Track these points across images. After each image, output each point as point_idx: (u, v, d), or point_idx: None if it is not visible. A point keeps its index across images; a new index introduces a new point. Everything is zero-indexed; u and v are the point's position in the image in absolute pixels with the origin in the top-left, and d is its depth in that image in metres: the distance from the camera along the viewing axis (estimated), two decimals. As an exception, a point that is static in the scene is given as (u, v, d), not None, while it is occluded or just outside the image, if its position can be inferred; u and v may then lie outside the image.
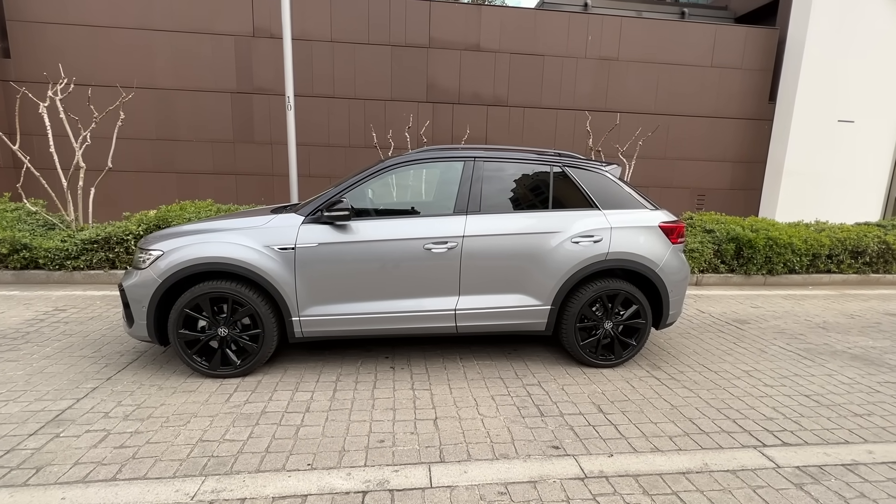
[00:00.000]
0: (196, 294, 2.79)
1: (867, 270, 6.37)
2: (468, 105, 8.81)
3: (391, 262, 2.94)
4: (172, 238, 2.93)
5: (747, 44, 9.83)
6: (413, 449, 2.20)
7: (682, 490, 1.96)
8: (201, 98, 8.04)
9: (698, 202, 10.36)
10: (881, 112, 10.32)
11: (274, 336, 2.90)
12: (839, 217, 9.26)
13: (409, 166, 3.18)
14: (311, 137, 8.30)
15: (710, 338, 3.97)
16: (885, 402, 2.86)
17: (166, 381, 2.85)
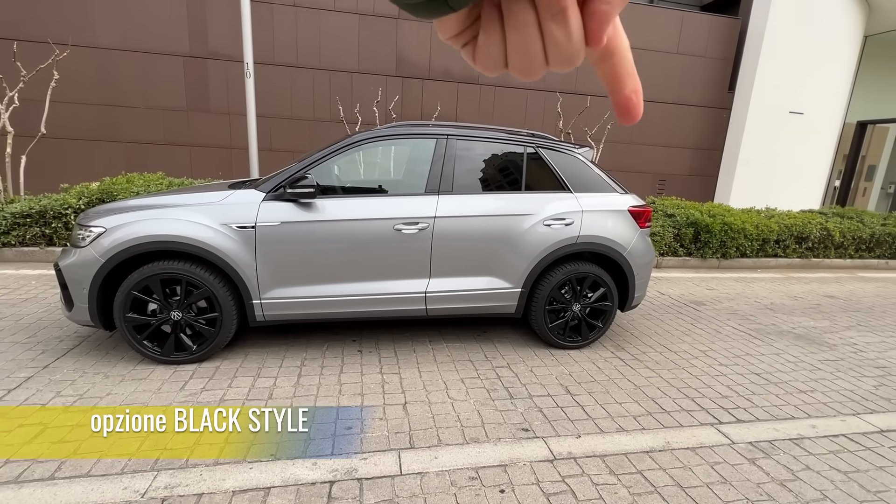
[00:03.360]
0: (145, 275, 2.57)
1: (809, 255, 6.80)
2: (439, 81, 8.57)
3: (359, 242, 2.82)
4: (117, 213, 2.67)
5: (711, 32, 10.05)
6: (382, 435, 2.15)
7: (646, 469, 2.02)
8: (149, 61, 7.38)
9: (659, 187, 10.69)
10: (827, 105, 10.91)
11: (233, 320, 2.74)
12: (786, 204, 9.82)
13: (378, 142, 3.04)
14: (272, 109, 7.84)
15: (670, 319, 4.12)
16: (826, 379, 3.07)
17: (113, 368, 2.65)
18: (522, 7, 0.26)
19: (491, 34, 0.28)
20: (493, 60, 0.28)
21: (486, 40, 0.28)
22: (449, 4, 0.25)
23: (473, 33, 0.28)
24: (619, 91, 0.30)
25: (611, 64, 0.30)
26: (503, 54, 0.28)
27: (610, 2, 0.26)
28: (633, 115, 0.31)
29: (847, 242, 6.87)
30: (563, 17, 0.26)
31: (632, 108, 0.31)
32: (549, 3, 0.26)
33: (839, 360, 3.39)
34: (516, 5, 0.26)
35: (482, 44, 0.28)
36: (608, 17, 0.26)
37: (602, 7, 0.26)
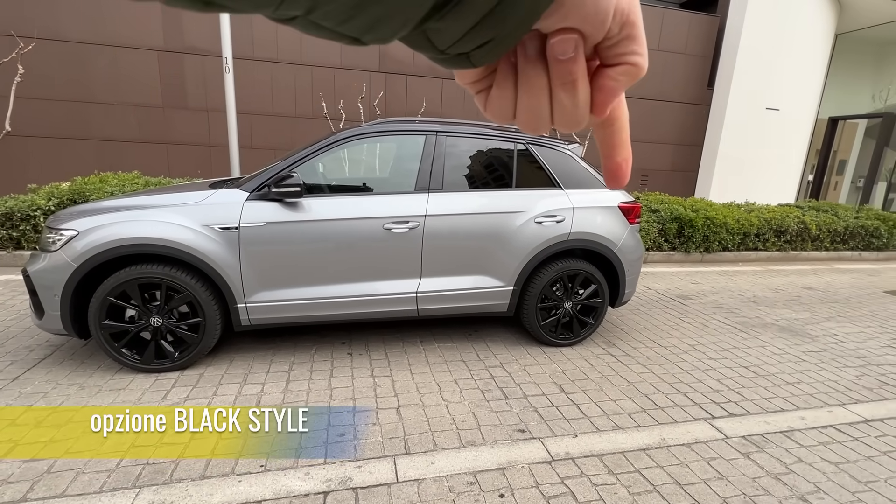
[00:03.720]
0: (122, 280, 2.45)
1: (787, 248, 6.97)
2: (423, 77, 8.48)
3: (348, 243, 2.74)
4: (90, 216, 2.53)
5: (690, 29, 10.20)
6: (376, 441, 2.09)
7: (643, 467, 2.01)
8: (122, 55, 7.09)
9: (642, 182, 10.83)
10: (801, 102, 11.21)
11: (217, 325, 2.63)
12: (764, 198, 10.06)
13: (366, 139, 2.96)
14: (252, 105, 7.64)
15: (658, 314, 4.16)
16: (811, 371, 3.13)
17: (89, 378, 2.52)
18: (537, 73, 0.28)
19: (504, 90, 0.29)
20: (503, 113, 0.30)
21: (498, 94, 0.30)
22: (471, 61, 0.27)
23: (489, 83, 0.30)
24: (611, 157, 0.33)
25: (609, 132, 0.32)
26: (513, 109, 0.30)
27: (617, 80, 0.28)
28: (620, 182, 0.33)
29: (823, 235, 7.06)
30: (573, 88, 0.28)
31: (620, 175, 0.33)
32: (562, 72, 0.27)
33: (822, 352, 3.47)
34: (531, 70, 0.28)
35: (494, 97, 0.30)
36: (614, 93, 0.29)
37: (609, 83, 0.28)
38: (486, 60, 0.27)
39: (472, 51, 0.26)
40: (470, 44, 0.26)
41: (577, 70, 0.27)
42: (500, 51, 0.27)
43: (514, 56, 0.29)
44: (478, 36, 0.25)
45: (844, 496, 1.90)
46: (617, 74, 0.28)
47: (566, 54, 0.26)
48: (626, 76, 0.28)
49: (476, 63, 0.27)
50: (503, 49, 0.27)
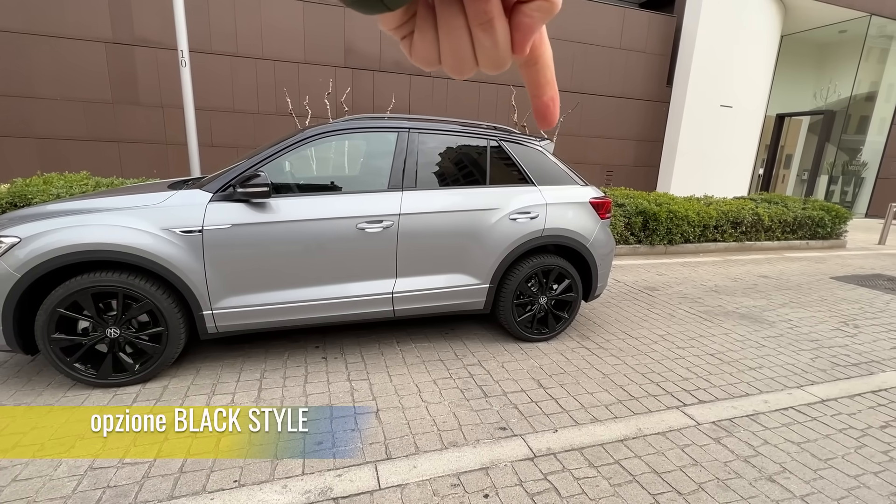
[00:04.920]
0: (72, 290, 2.26)
1: (743, 238, 7.33)
2: (390, 73, 8.37)
3: (320, 244, 2.65)
4: (34, 220, 2.33)
5: (650, 29, 10.54)
6: (356, 448, 2.03)
7: (622, 458, 2.05)
8: (64, 46, 6.60)
9: (607, 177, 11.13)
10: (752, 99, 11.82)
11: (181, 334, 2.49)
12: (720, 192, 10.54)
13: (336, 136, 2.87)
14: (211, 101, 7.31)
15: (628, 305, 4.27)
16: (770, 355, 3.29)
17: (38, 396, 2.32)
18: (453, 13, 0.28)
19: (425, 33, 0.29)
20: (427, 57, 0.30)
21: (420, 38, 0.30)
22: (384, 3, 0.26)
23: (411, 28, 0.30)
24: (538, 97, 0.33)
25: (534, 71, 0.32)
26: (437, 53, 0.30)
27: (532, 15, 0.28)
28: (549, 120, 0.33)
29: (774, 226, 7.47)
30: (490, 27, 0.28)
31: (548, 114, 0.33)
32: (477, 12, 0.27)
33: (779, 337, 3.66)
34: (448, 11, 0.28)
35: (417, 42, 0.30)
36: (531, 30, 0.28)
37: (525, 20, 0.28)
38: (400, 2, 0.26)
39: None
40: None
41: (491, 9, 0.27)
42: None
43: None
44: None
45: (808, 474, 2.01)
46: (531, 11, 0.28)
47: None
48: (541, 12, 0.28)
49: (390, 5, 0.26)
50: None
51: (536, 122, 0.33)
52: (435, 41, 0.29)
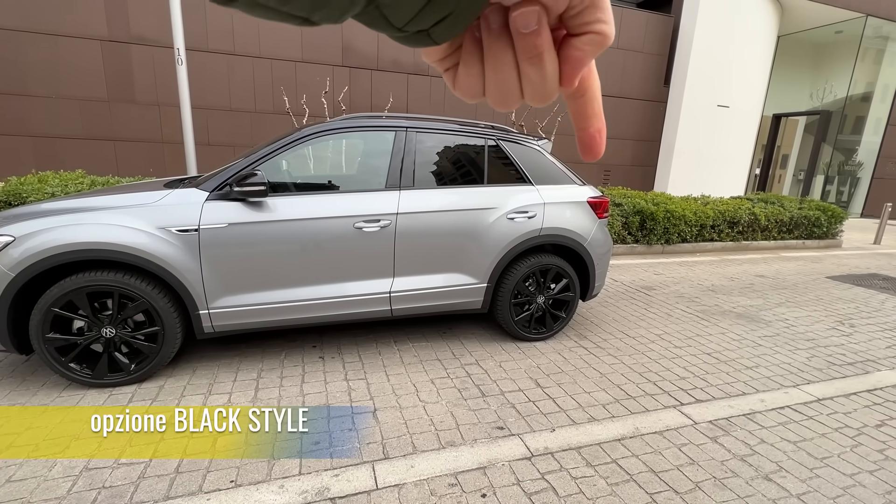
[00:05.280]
0: (67, 289, 2.25)
1: (740, 238, 7.36)
2: (388, 72, 8.35)
3: (317, 243, 2.64)
4: (28, 219, 2.31)
5: (648, 28, 10.56)
6: (353, 448, 2.03)
7: (620, 457, 2.05)
8: (60, 44, 6.56)
9: (605, 177, 11.15)
10: (749, 99, 11.86)
11: (177, 333, 2.47)
12: (717, 191, 10.56)
13: (333, 135, 2.86)
14: (208, 100, 7.28)
15: (625, 305, 4.28)
16: (767, 354, 3.30)
17: (33, 397, 2.31)
18: (502, 47, 0.27)
19: (471, 67, 0.29)
20: (472, 90, 0.30)
21: (465, 72, 0.29)
22: (432, 38, 0.26)
23: (455, 60, 0.29)
24: (584, 129, 0.32)
25: (581, 103, 0.31)
26: (482, 85, 0.29)
27: (583, 49, 0.27)
28: (595, 153, 0.32)
29: (771, 226, 7.50)
30: (540, 61, 0.27)
31: (594, 147, 0.32)
32: (527, 46, 0.26)
33: (776, 336, 3.67)
34: (496, 45, 0.27)
35: (462, 74, 0.29)
36: (581, 63, 0.28)
37: (576, 53, 0.27)
38: (448, 36, 0.26)
39: (431, 27, 0.25)
40: (428, 20, 0.25)
41: (541, 43, 0.26)
42: (460, 26, 0.26)
43: (478, 31, 0.28)
44: (435, 11, 0.24)
45: (804, 473, 2.02)
46: (583, 44, 0.27)
47: (529, 27, 0.26)
48: (593, 45, 0.27)
49: (437, 40, 0.26)
50: (463, 24, 0.26)
51: (581, 153, 0.33)
52: (480, 74, 0.29)
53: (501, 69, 0.28)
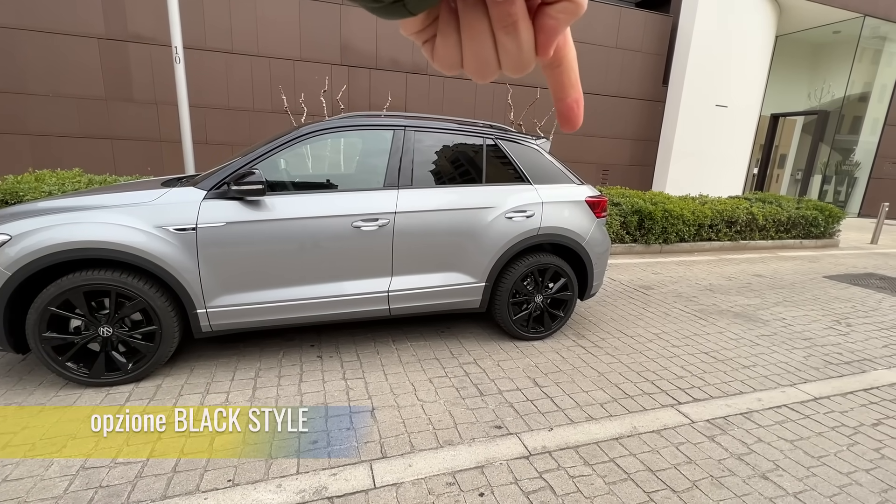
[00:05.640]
0: (64, 288, 2.24)
1: (738, 238, 7.38)
2: (386, 71, 8.34)
3: (315, 242, 2.63)
4: (25, 218, 2.30)
5: (646, 28, 10.56)
6: (351, 447, 2.03)
7: (617, 456, 2.05)
8: (57, 42, 6.54)
9: (603, 177, 11.16)
10: (747, 99, 11.88)
11: (175, 332, 2.47)
12: (715, 191, 10.57)
13: (331, 134, 2.85)
14: (206, 98, 7.26)
15: (623, 304, 4.29)
16: (764, 354, 3.31)
17: (29, 396, 2.30)
18: (477, 17, 0.28)
19: (448, 37, 0.29)
20: (449, 61, 0.30)
21: (443, 42, 0.29)
22: (407, 8, 0.26)
23: (433, 32, 0.29)
24: (562, 99, 0.32)
25: (558, 73, 0.31)
26: (459, 56, 0.29)
27: (557, 17, 0.27)
28: (573, 123, 0.33)
29: (769, 225, 7.52)
30: (514, 29, 0.27)
31: (572, 117, 0.33)
32: (501, 15, 0.27)
33: (773, 335, 3.68)
34: (471, 14, 0.28)
35: (439, 46, 0.29)
36: (556, 31, 0.28)
37: (550, 22, 0.28)
38: (423, 7, 0.26)
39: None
40: None
41: (515, 11, 0.27)
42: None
43: (453, 1, 0.28)
44: None
45: (800, 472, 2.02)
46: (556, 12, 0.27)
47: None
48: (566, 13, 0.27)
49: (412, 10, 0.26)
50: None
51: (559, 124, 0.33)
52: (457, 45, 0.29)
53: (477, 39, 0.28)
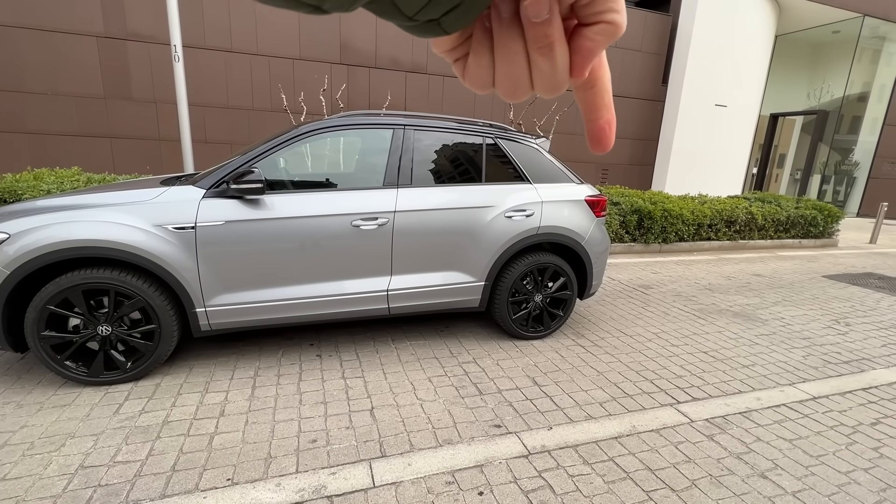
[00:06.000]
0: (63, 287, 2.24)
1: (737, 237, 7.38)
2: (386, 70, 8.33)
3: (314, 241, 2.63)
4: (23, 216, 2.29)
5: (646, 27, 10.56)
6: (350, 446, 2.03)
7: (616, 455, 2.05)
8: (55, 41, 6.52)
9: (602, 176, 11.16)
10: (747, 99, 11.88)
11: (174, 331, 2.46)
12: (714, 190, 10.61)
13: (331, 132, 2.85)
14: (205, 97, 7.24)
15: (622, 303, 4.29)
16: (763, 353, 3.32)
17: (28, 395, 2.30)
18: (512, 37, 0.27)
19: (481, 57, 0.28)
20: (481, 81, 0.29)
21: (475, 62, 0.29)
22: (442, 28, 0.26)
23: (465, 51, 0.29)
24: (594, 120, 0.31)
25: (591, 94, 0.31)
26: (492, 76, 0.29)
27: (594, 39, 0.27)
28: (604, 145, 0.32)
29: (768, 225, 7.53)
30: (550, 51, 0.27)
31: (604, 138, 0.32)
32: (537, 36, 0.26)
33: (772, 335, 3.69)
34: (506, 35, 0.27)
35: (472, 65, 0.29)
36: (592, 53, 0.28)
37: (587, 44, 0.27)
38: (458, 26, 0.26)
39: (441, 16, 0.25)
40: (439, 8, 0.25)
41: (552, 32, 0.26)
42: (470, 15, 0.26)
43: (488, 21, 0.28)
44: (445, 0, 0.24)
45: (799, 471, 2.03)
46: (594, 34, 0.27)
47: (540, 16, 0.26)
48: (604, 35, 0.27)
49: (448, 29, 0.26)
50: (474, 13, 0.26)
51: (590, 145, 0.32)
52: (490, 64, 0.28)
53: (512, 60, 0.27)
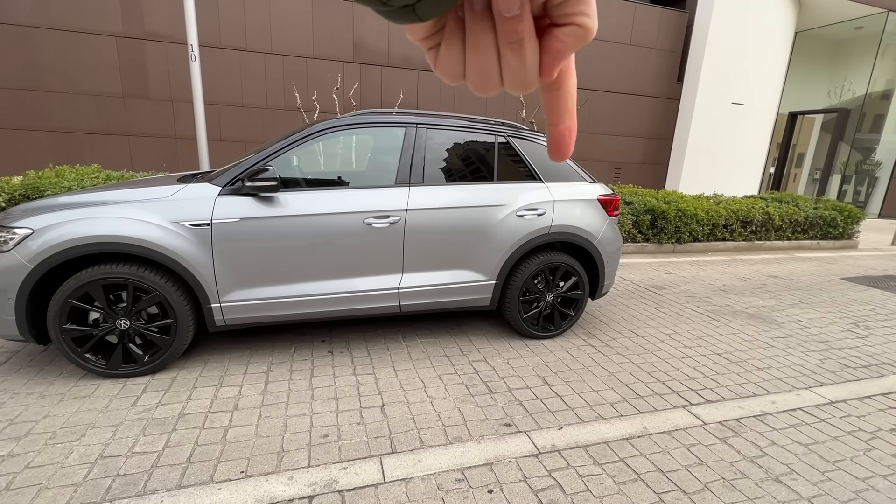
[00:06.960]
0: (84, 281, 2.30)
1: (753, 238, 7.25)
2: (398, 69, 8.35)
3: (327, 238, 2.66)
4: (46, 212, 2.36)
5: (661, 25, 10.41)
6: (361, 441, 2.05)
7: (627, 456, 2.04)
8: (76, 40, 6.67)
9: (615, 175, 11.05)
10: (764, 97, 11.65)
11: (189, 326, 2.51)
12: (730, 190, 10.43)
13: (343, 131, 2.86)
14: (221, 96, 7.34)
15: (635, 304, 4.25)
16: (779, 356, 3.26)
17: (50, 386, 2.36)
18: (483, 30, 0.27)
19: (452, 47, 0.29)
20: (452, 72, 0.29)
21: (447, 52, 0.29)
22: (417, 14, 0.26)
23: (439, 39, 0.29)
24: (555, 124, 0.32)
25: (555, 97, 0.31)
26: (462, 68, 0.29)
27: (564, 41, 0.27)
28: (562, 152, 0.32)
29: (785, 225, 7.38)
30: (520, 47, 0.27)
31: (563, 145, 0.32)
32: (508, 31, 0.26)
33: (788, 337, 3.62)
34: (478, 27, 0.27)
35: (443, 54, 0.29)
36: (562, 55, 0.28)
37: (557, 44, 0.27)
38: (433, 13, 0.26)
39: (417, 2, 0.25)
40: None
41: (522, 28, 0.26)
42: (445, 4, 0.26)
43: (461, 11, 0.28)
44: None
45: (815, 476, 1.99)
46: (564, 35, 0.27)
47: (511, 11, 0.26)
48: (574, 37, 0.27)
49: (422, 16, 0.26)
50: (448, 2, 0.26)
51: (549, 151, 0.32)
52: (461, 56, 0.29)
53: (482, 52, 0.28)
